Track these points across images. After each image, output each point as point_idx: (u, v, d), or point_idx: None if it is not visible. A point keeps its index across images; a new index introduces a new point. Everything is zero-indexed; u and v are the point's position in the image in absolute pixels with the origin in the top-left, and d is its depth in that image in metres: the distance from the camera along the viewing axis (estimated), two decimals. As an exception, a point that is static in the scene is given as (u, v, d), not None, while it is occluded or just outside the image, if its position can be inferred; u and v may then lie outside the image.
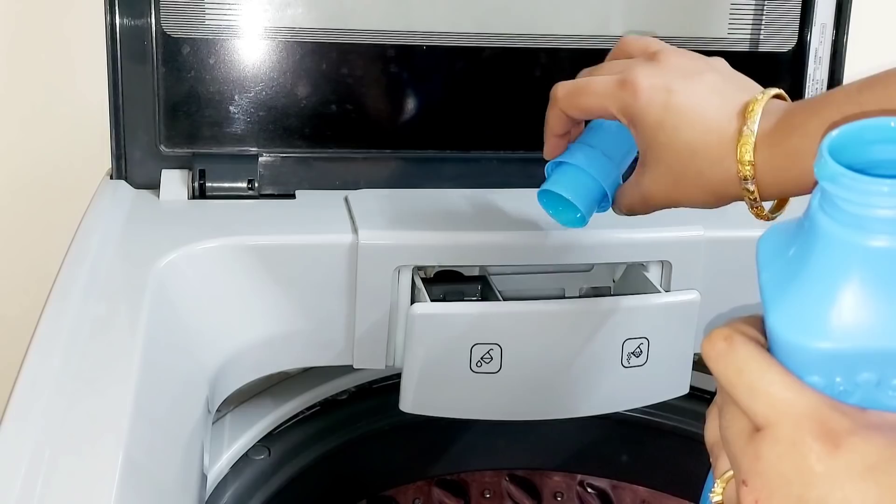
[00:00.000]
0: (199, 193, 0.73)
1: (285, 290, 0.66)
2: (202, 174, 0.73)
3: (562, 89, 0.57)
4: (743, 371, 0.33)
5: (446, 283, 0.71)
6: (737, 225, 0.73)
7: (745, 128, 0.49)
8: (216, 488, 0.66)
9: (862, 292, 0.32)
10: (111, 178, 0.75)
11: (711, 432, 0.37)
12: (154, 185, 0.74)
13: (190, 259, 0.63)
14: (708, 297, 0.69)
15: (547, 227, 0.70)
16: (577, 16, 0.77)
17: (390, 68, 0.76)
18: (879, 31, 0.98)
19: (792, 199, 0.52)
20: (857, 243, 0.31)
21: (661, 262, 0.70)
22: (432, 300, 0.66)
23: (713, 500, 0.36)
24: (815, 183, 0.33)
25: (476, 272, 0.72)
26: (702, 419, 0.39)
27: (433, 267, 0.70)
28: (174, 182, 0.74)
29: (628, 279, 0.73)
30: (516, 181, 0.79)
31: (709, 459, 0.38)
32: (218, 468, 0.67)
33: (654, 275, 0.70)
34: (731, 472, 0.35)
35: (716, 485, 0.36)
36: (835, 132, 0.33)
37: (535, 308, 0.67)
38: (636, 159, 0.55)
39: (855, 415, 0.32)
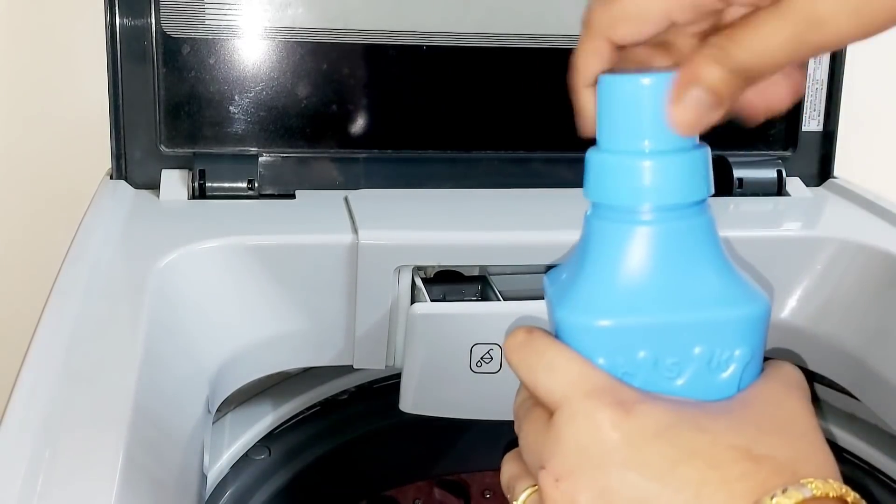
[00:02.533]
0: (199, 193, 0.73)
1: (285, 290, 0.66)
2: (202, 174, 0.73)
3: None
4: (543, 353, 0.36)
5: (446, 283, 0.71)
6: (736, 225, 0.73)
7: None
8: (216, 488, 0.66)
9: (632, 272, 0.35)
10: (111, 178, 0.75)
11: (508, 472, 0.38)
12: (154, 185, 0.74)
13: (190, 259, 0.63)
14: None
15: (547, 227, 0.70)
16: (577, 16, 0.77)
17: (390, 68, 0.76)
18: (879, 31, 0.98)
19: None
20: (622, 229, 0.36)
21: (661, 261, 0.70)
22: (432, 300, 0.66)
23: None
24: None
25: (476, 272, 0.72)
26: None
27: (433, 267, 0.70)
28: (174, 182, 0.74)
29: (628, 279, 0.73)
30: (516, 181, 0.79)
31: None
32: (218, 468, 0.67)
33: (654, 275, 0.70)
34: (528, 492, 0.36)
35: None
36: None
37: (535, 308, 0.67)
38: None
39: (640, 391, 0.34)
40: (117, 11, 0.71)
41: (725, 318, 0.35)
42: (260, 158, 0.75)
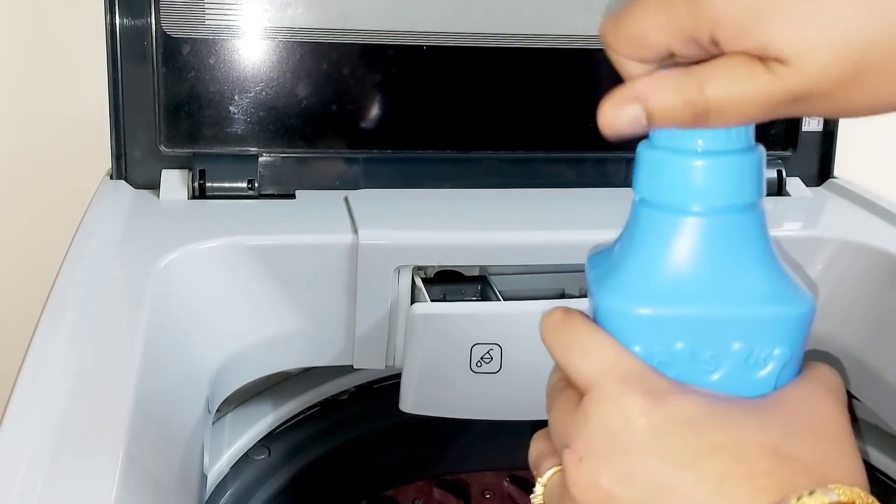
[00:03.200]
0: (199, 193, 0.73)
1: (285, 290, 0.66)
2: (202, 174, 0.73)
3: None
4: (578, 333, 0.36)
5: (446, 283, 0.71)
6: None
7: None
8: (216, 488, 0.66)
9: (676, 262, 0.35)
10: (111, 178, 0.75)
11: (536, 449, 0.38)
12: (154, 185, 0.74)
13: (190, 259, 0.63)
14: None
15: (547, 227, 0.70)
16: (577, 15, 0.77)
17: (390, 68, 0.76)
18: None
19: None
20: (670, 219, 0.35)
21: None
22: (432, 300, 0.66)
23: (533, 502, 0.37)
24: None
25: (476, 272, 0.72)
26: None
27: (433, 267, 0.70)
28: (174, 182, 0.74)
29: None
30: (516, 181, 0.79)
31: None
32: (218, 468, 0.67)
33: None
34: (554, 470, 0.36)
35: (536, 486, 0.36)
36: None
37: (535, 308, 0.67)
38: None
39: (674, 381, 0.34)
40: (117, 11, 0.71)
41: (767, 315, 0.35)
42: (260, 158, 0.75)
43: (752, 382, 0.35)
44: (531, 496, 0.37)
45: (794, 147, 0.83)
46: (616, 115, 0.34)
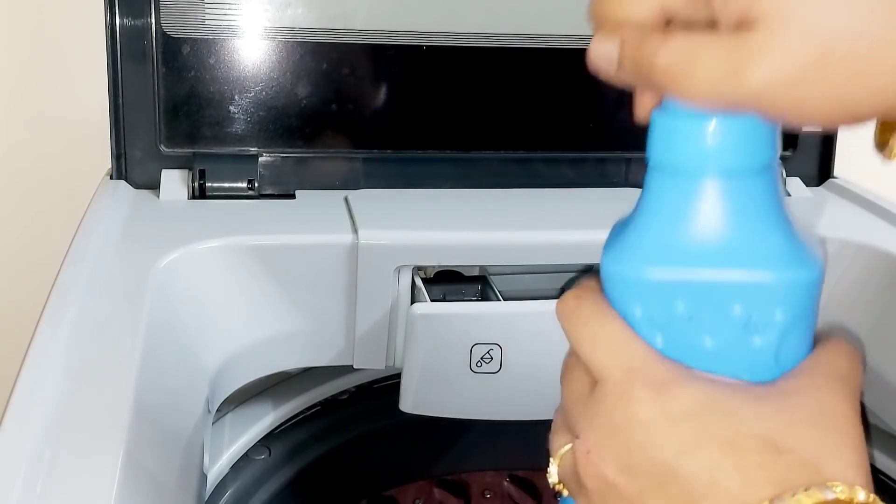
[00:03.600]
0: (199, 193, 0.73)
1: (285, 290, 0.66)
2: (202, 174, 0.73)
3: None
4: (588, 323, 0.36)
5: (446, 283, 0.71)
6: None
7: None
8: (216, 488, 0.66)
9: (679, 224, 0.34)
10: (111, 178, 0.75)
11: (554, 423, 0.39)
12: (154, 185, 0.74)
13: (190, 259, 0.63)
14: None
15: (547, 227, 0.70)
16: (577, 16, 0.77)
17: (390, 68, 0.76)
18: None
19: None
20: (674, 183, 0.34)
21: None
22: (432, 300, 0.66)
23: (549, 481, 0.37)
24: None
25: (476, 272, 0.72)
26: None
27: (433, 267, 0.70)
28: (174, 182, 0.74)
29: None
30: (516, 181, 0.79)
31: None
32: (218, 468, 0.67)
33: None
34: (566, 448, 0.36)
35: (551, 464, 0.37)
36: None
37: (535, 308, 0.67)
38: None
39: (679, 369, 0.34)
40: (117, 11, 0.71)
41: (768, 278, 0.34)
42: (260, 158, 0.75)
43: (751, 351, 0.34)
44: (547, 475, 0.37)
45: (794, 147, 0.83)
46: (596, 47, 0.34)
